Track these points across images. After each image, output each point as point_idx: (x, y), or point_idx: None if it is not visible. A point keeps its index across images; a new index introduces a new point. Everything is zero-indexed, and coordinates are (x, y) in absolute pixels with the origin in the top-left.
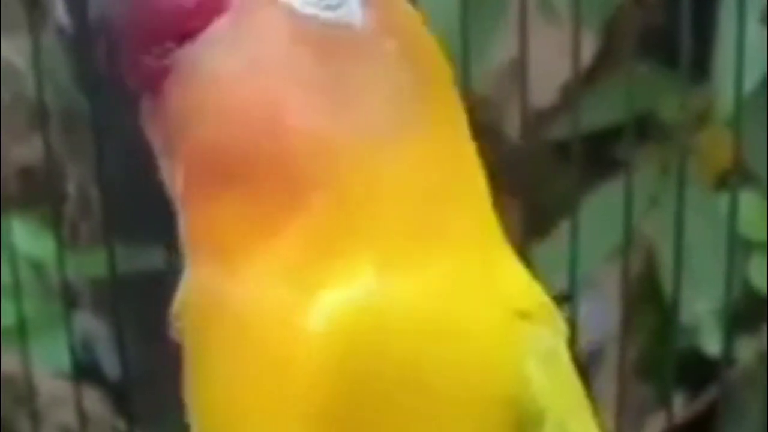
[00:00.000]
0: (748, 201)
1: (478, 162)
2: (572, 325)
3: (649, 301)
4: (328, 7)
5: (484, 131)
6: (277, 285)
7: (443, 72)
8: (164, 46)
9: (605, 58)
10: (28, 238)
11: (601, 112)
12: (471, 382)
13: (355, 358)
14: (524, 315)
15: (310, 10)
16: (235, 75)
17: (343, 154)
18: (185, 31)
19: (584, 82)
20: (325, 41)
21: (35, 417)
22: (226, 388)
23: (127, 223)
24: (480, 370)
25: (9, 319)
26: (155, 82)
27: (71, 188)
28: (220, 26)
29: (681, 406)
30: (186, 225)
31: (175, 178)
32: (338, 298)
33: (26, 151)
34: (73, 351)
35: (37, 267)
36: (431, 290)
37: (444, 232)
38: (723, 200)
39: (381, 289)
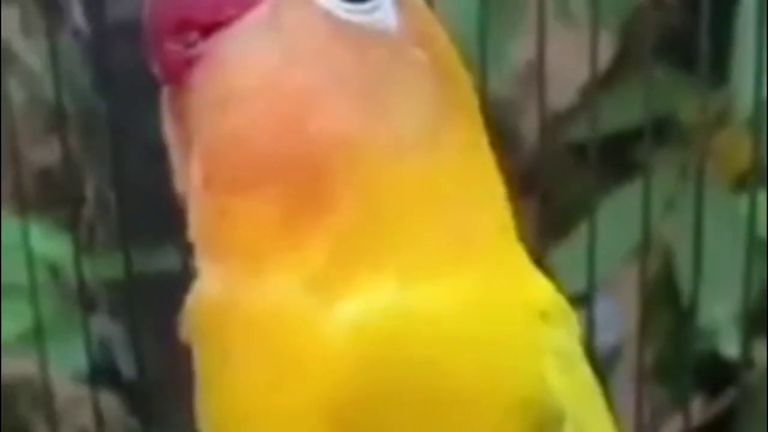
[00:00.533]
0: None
1: (497, 169)
2: (589, 326)
3: (666, 304)
4: (363, 11)
5: (502, 133)
6: (299, 290)
7: (465, 80)
8: (192, 35)
9: (623, 60)
10: (46, 240)
11: (619, 114)
12: (493, 386)
13: (376, 367)
14: (543, 317)
15: (344, 13)
16: (268, 67)
17: (371, 157)
18: (217, 19)
19: (602, 84)
20: (360, 44)
21: (52, 419)
22: (241, 393)
23: (144, 225)
24: (502, 375)
25: (26, 321)
26: (181, 71)
27: (89, 191)
28: (254, 18)
29: (699, 409)
30: (200, 223)
31: (190, 175)
32: (361, 306)
33: (44, 153)
34: (89, 353)
35: (54, 269)
36: (455, 298)
37: (467, 238)
38: (741, 202)
39: (404, 298)
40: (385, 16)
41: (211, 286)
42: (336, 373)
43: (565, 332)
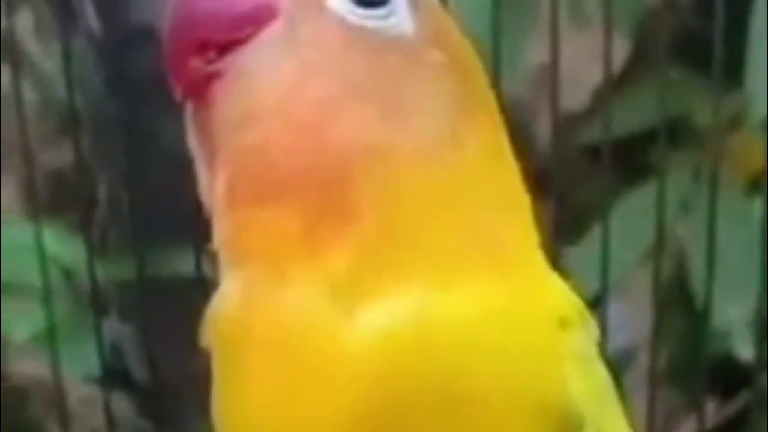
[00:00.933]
0: None
1: (518, 170)
2: (603, 329)
3: (680, 306)
4: (378, 17)
5: (516, 135)
6: (322, 299)
7: (483, 82)
8: (212, 52)
9: (637, 62)
10: (58, 243)
11: (632, 116)
12: (516, 393)
13: (401, 375)
14: (562, 323)
15: (359, 20)
16: (285, 80)
17: (391, 164)
18: (235, 38)
19: (616, 86)
20: (376, 50)
21: (64, 420)
22: (258, 403)
23: (156, 227)
24: (525, 382)
25: (39, 323)
26: (201, 87)
27: (101, 193)
28: (270, 33)
29: (712, 412)
30: (225, 233)
31: (214, 185)
32: (385, 314)
33: (57, 155)
34: (101, 355)
35: (67, 272)
36: (478, 305)
37: (490, 244)
38: (755, 205)
39: (428, 306)
40: (401, 20)
41: (232, 296)
42: (359, 382)
43: (582, 336)
